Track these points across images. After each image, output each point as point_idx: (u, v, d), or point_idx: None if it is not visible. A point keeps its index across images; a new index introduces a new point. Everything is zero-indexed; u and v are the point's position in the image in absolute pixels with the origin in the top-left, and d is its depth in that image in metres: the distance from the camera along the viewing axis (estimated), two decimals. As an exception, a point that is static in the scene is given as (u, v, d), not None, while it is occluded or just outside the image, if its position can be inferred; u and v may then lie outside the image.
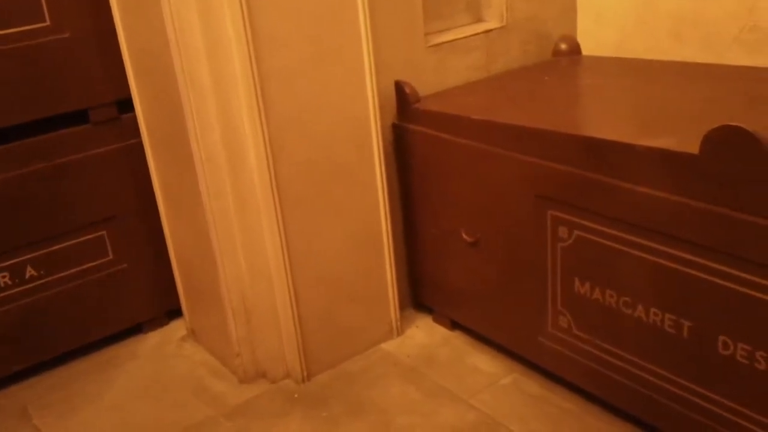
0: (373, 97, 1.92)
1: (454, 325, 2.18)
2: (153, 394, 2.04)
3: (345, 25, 1.83)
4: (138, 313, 2.30)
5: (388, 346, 2.14)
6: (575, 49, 2.33)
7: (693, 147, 1.35)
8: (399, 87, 2.04)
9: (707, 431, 1.50)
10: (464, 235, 1.96)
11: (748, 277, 1.33)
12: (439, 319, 2.22)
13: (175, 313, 2.35)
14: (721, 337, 1.42)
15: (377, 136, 1.96)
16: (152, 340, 2.30)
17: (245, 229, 1.86)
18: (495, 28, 2.25)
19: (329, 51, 1.82)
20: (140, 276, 2.25)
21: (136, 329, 2.32)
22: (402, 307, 2.22)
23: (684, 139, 1.42)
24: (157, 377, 2.12)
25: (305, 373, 2.00)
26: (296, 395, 1.97)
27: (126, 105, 2.08)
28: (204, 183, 1.82)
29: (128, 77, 2.03)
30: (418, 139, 2.02)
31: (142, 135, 2.10)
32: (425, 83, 2.10)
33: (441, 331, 2.19)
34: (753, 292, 1.33)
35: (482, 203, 1.88)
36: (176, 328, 2.34)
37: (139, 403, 2.01)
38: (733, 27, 2.04)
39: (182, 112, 1.78)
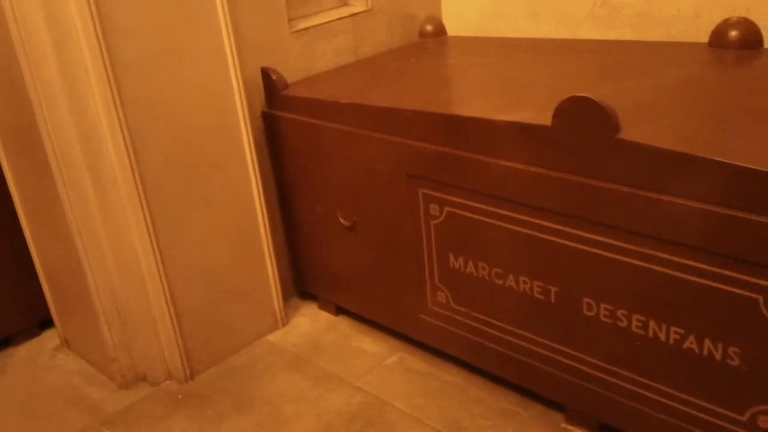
0: (239, 86, 1.88)
1: (338, 311, 2.18)
2: (26, 408, 1.94)
3: (203, 13, 1.78)
4: (6, 326, 2.17)
5: (273, 337, 2.12)
6: (440, 30, 2.37)
7: (547, 119, 1.41)
8: (266, 74, 2.01)
9: (579, 390, 1.57)
10: (341, 220, 1.96)
11: (603, 239, 1.39)
12: (324, 305, 2.22)
13: (48, 323, 2.23)
14: (585, 299, 1.49)
15: (246, 126, 1.92)
16: (23, 352, 2.18)
17: (111, 231, 1.78)
18: (361, 12, 2.25)
19: (188, 40, 1.77)
20: (5, 287, 2.12)
21: (5, 343, 2.20)
22: (286, 296, 2.20)
23: (539, 111, 1.47)
24: (30, 390, 2.01)
25: (188, 373, 1.95)
26: (180, 396, 1.91)
27: (-27, 107, 1.95)
28: (63, 186, 1.73)
29: (-28, 77, 1.90)
30: (289, 126, 2.00)
31: (-7, 138, 1.97)
32: (293, 69, 2.08)
33: (326, 318, 2.18)
34: (609, 254, 1.40)
35: (356, 186, 1.88)
36: (49, 339, 2.23)
37: (12, 418, 1.91)
38: (586, 3, 2.13)
39: (33, 112, 1.68)
